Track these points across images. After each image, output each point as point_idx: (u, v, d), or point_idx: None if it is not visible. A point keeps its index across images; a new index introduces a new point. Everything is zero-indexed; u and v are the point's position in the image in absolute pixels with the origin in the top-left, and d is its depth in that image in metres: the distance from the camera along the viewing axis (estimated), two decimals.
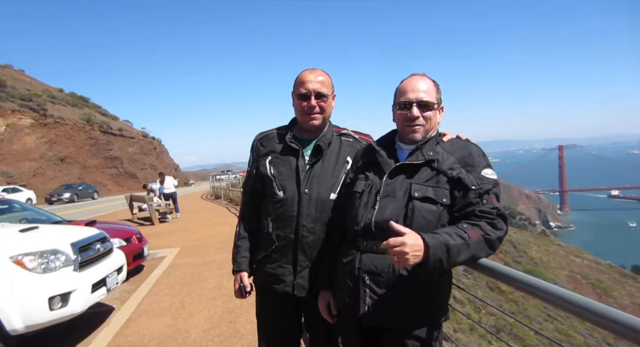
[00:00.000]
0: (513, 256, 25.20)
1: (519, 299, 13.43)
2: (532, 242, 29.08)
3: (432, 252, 1.24)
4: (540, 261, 24.27)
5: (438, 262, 1.25)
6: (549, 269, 23.44)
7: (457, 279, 10.85)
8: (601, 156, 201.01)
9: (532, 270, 21.73)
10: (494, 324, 10.31)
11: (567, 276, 23.69)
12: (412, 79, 1.56)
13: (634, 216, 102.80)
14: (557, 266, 25.00)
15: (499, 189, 1.45)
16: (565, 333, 12.16)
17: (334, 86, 1.85)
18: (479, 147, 1.52)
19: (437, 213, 1.40)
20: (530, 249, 26.53)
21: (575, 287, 22.23)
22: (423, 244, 1.25)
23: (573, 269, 24.87)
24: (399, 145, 1.60)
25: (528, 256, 24.84)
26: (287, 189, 1.75)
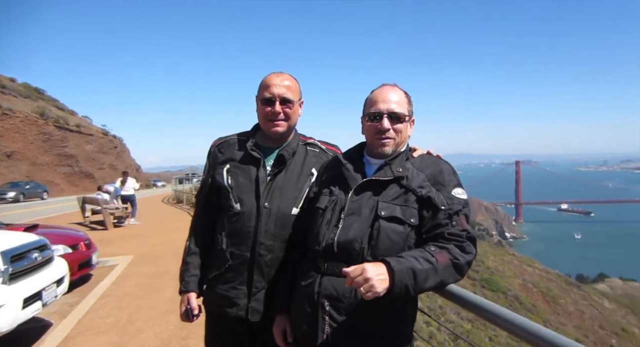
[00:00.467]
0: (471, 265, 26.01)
1: None
2: (489, 252, 30.17)
3: (398, 277, 1.13)
4: (496, 270, 25.19)
5: (404, 288, 1.14)
6: (504, 277, 24.37)
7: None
8: (553, 172, 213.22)
9: (488, 279, 22.56)
10: (452, 332, 10.49)
11: (520, 284, 24.72)
12: (383, 89, 1.46)
13: (580, 228, 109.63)
14: (511, 274, 26.04)
15: (469, 210, 1.36)
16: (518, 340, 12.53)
17: (301, 92, 1.72)
18: (449, 165, 1.44)
19: (405, 234, 1.30)
20: (488, 259, 27.52)
21: (527, 295, 23.25)
22: (387, 269, 1.14)
23: (525, 278, 25.99)
24: (367, 159, 1.49)
25: (485, 265, 25.74)
26: (244, 202, 1.59)
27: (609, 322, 16.10)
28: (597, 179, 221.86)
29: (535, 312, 15.50)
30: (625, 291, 38.40)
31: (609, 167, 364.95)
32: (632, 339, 14.90)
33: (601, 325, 15.60)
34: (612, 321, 16.52)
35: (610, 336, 15.09)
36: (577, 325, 15.70)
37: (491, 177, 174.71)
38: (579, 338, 14.45)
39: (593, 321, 15.96)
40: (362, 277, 1.11)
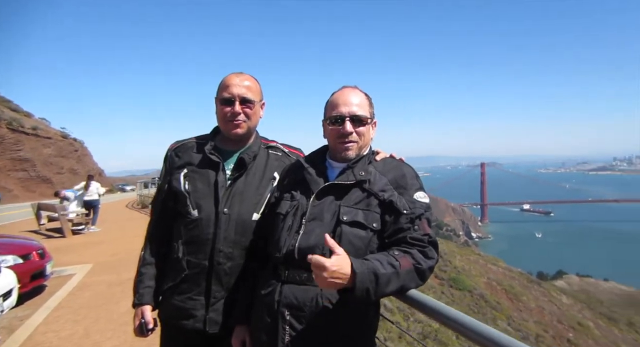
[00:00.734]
0: (439, 264, 26.67)
1: None
2: (456, 251, 31.00)
3: (359, 279, 1.10)
4: (462, 270, 25.91)
5: (365, 291, 1.12)
6: (470, 276, 25.09)
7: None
8: (516, 174, 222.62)
9: (455, 278, 23.16)
10: (421, 331, 10.68)
11: (485, 282, 25.53)
12: (343, 91, 1.44)
13: (541, 227, 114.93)
14: (477, 274, 26.86)
15: (431, 213, 1.37)
16: None
17: (262, 94, 1.68)
18: (412, 168, 1.43)
19: (367, 239, 1.28)
20: (455, 258, 28.27)
21: (492, 293, 24.03)
22: (350, 271, 1.11)
23: (490, 277, 26.87)
24: (329, 163, 1.46)
25: (452, 265, 26.42)
26: (202, 208, 1.53)
27: (566, 317, 16.90)
28: (556, 180, 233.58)
29: (499, 310, 16.03)
30: (581, 287, 40.51)
31: (567, 168, 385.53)
32: (587, 333, 15.69)
33: (559, 320, 16.34)
34: (570, 315, 17.35)
35: (568, 330, 15.83)
36: (537, 320, 16.36)
37: (458, 179, 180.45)
38: (539, 333, 15.07)
39: (552, 316, 16.69)
40: (319, 273, 1.08)
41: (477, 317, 14.83)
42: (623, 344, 15.91)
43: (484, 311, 16.32)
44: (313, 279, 1.13)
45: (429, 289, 15.50)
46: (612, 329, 18.53)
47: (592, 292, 38.21)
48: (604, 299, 33.02)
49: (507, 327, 15.10)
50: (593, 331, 16.54)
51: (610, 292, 40.82)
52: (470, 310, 15.62)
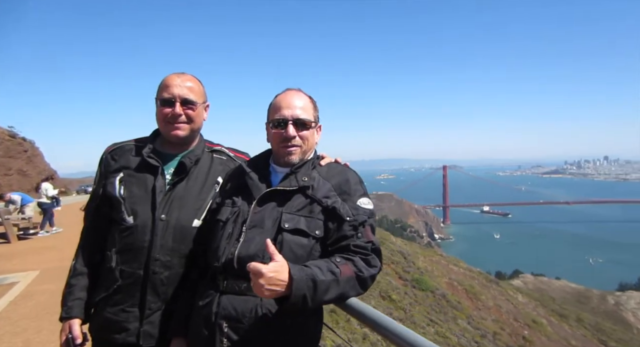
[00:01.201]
0: (403, 266, 27.25)
1: (406, 307, 14.37)
2: (419, 253, 31.73)
3: (296, 286, 1.07)
4: (425, 270, 26.55)
5: (301, 298, 1.08)
6: (433, 277, 25.76)
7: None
8: (476, 177, 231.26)
9: (418, 279, 23.71)
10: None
11: (447, 283, 26.29)
12: (287, 94, 1.40)
13: (499, 228, 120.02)
14: (439, 274, 27.61)
15: (375, 220, 1.35)
16: (444, 335, 13.25)
17: (206, 95, 1.61)
18: (356, 174, 1.41)
19: (309, 247, 1.25)
20: (418, 260, 28.92)
21: (453, 292, 24.79)
22: (288, 277, 1.08)
23: (452, 277, 27.69)
24: (273, 168, 1.43)
25: (416, 265, 27.02)
26: (138, 214, 1.44)
27: (522, 314, 17.67)
28: (513, 182, 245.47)
29: (460, 309, 16.52)
30: (535, 285, 42.57)
31: (522, 171, 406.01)
32: (540, 330, 16.47)
33: (515, 318, 17.05)
34: (525, 313, 18.15)
35: (523, 327, 16.54)
36: (495, 319, 17.00)
37: (421, 181, 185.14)
38: (496, 331, 15.63)
39: (509, 314, 17.40)
40: (256, 282, 1.05)
41: (439, 316, 15.25)
42: (572, 340, 16.83)
43: (445, 311, 16.76)
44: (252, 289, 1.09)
45: (393, 289, 15.74)
46: (563, 325, 19.60)
47: (546, 290, 40.30)
48: (556, 297, 34.93)
49: (467, 325, 15.57)
50: (546, 328, 17.40)
51: (562, 290, 43.22)
52: (432, 310, 15.99)
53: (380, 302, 13.88)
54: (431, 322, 14.25)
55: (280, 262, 1.09)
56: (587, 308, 36.32)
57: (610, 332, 23.39)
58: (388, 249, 21.24)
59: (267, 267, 1.05)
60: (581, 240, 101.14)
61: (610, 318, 35.22)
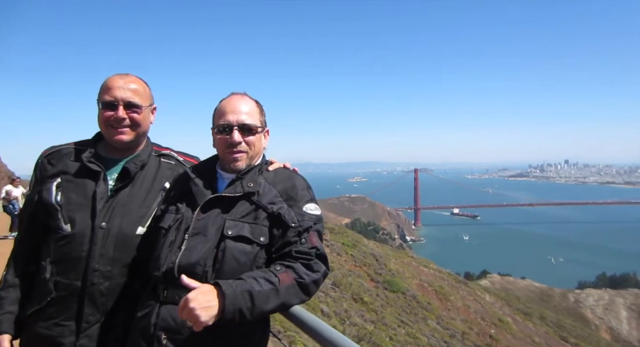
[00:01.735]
0: (375, 268, 27.61)
1: (378, 309, 14.49)
2: (391, 255, 32.18)
3: (229, 302, 1.04)
4: (397, 272, 26.95)
5: (238, 312, 1.05)
6: (404, 279, 26.17)
7: (325, 293, 11.29)
8: (446, 179, 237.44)
9: (390, 280, 24.04)
10: (357, 334, 10.83)
11: (418, 284, 26.77)
12: (231, 98, 1.38)
13: (468, 230, 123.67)
14: (410, 276, 28.08)
15: (322, 226, 1.33)
16: (414, 336, 13.44)
17: (152, 98, 1.53)
18: (304, 180, 1.40)
19: (253, 254, 1.23)
20: (390, 261, 29.33)
21: (423, 294, 25.30)
22: (217, 294, 1.05)
23: (422, 278, 28.21)
24: (220, 174, 1.39)
25: (387, 267, 27.39)
26: (76, 222, 1.35)
27: (489, 314, 18.20)
28: (481, 185, 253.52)
29: (430, 310, 16.80)
30: (502, 285, 44.04)
31: (490, 174, 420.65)
32: (506, 328, 17.00)
33: (483, 317, 17.53)
34: (492, 312, 18.70)
35: (490, 326, 17.02)
36: (464, 318, 17.39)
37: (393, 184, 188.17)
38: (465, 330, 15.99)
39: (477, 313, 17.85)
40: (185, 309, 1.01)
41: (410, 317, 15.43)
42: (536, 337, 17.48)
43: (416, 312, 17.02)
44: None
45: (365, 292, 15.82)
46: (527, 323, 20.34)
47: (511, 289, 41.73)
48: (521, 296, 36.23)
49: (437, 326, 15.85)
50: (511, 326, 17.99)
51: (527, 289, 44.92)
52: (403, 311, 16.18)
53: (353, 304, 13.94)
54: (402, 323, 14.43)
55: (201, 286, 1.08)
56: (549, 306, 37.95)
57: (571, 328, 24.51)
58: (360, 252, 21.38)
59: (190, 293, 1.04)
60: (544, 240, 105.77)
61: (570, 315, 36.93)
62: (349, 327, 11.00)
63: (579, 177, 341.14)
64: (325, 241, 17.43)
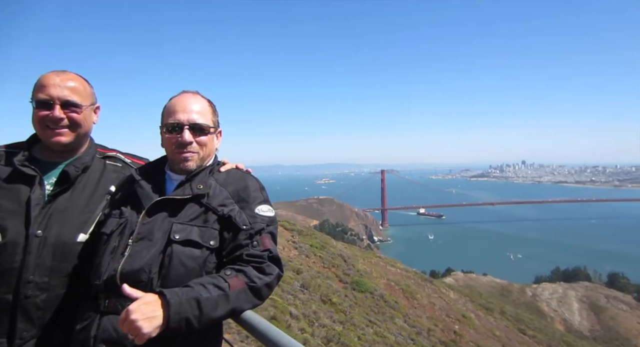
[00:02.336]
0: (344, 269, 27.81)
1: (346, 310, 14.55)
2: (359, 255, 32.49)
3: (174, 310, 0.99)
4: (365, 272, 27.24)
5: (184, 321, 1.00)
6: (371, 279, 26.49)
7: (293, 295, 11.20)
8: (411, 180, 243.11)
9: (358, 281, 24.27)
10: (325, 335, 10.83)
11: (385, 283, 27.19)
12: (182, 97, 1.31)
13: (433, 229, 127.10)
14: (377, 275, 28.46)
15: (276, 228, 1.29)
16: (382, 335, 13.61)
17: (94, 96, 1.43)
18: (257, 181, 1.35)
19: (202, 258, 1.16)
20: (358, 262, 29.61)
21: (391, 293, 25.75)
22: (162, 304, 0.99)
23: (390, 278, 28.67)
24: (169, 175, 1.33)
25: (355, 268, 27.63)
26: (8, 231, 1.23)
27: (453, 310, 18.72)
28: (445, 185, 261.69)
29: (397, 308, 17.04)
30: (465, 282, 45.51)
31: (453, 175, 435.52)
32: (469, 323, 17.56)
33: (447, 314, 18.01)
34: (456, 309, 19.26)
35: (454, 322, 17.51)
36: (429, 316, 17.78)
37: (360, 185, 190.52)
38: (430, 327, 16.35)
39: (442, 310, 18.31)
40: (127, 321, 0.94)
41: (378, 317, 15.63)
42: (497, 331, 18.16)
43: (384, 311, 17.23)
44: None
45: (333, 293, 15.86)
46: (488, 318, 21.10)
47: (474, 286, 43.22)
48: (483, 292, 37.61)
49: (404, 324, 16.11)
50: (474, 322, 18.59)
51: (488, 285, 46.68)
52: (371, 311, 16.34)
53: (322, 306, 13.92)
54: (370, 323, 14.56)
55: (144, 296, 1.02)
56: (509, 301, 39.63)
57: (529, 321, 25.68)
58: (329, 253, 21.44)
59: (131, 304, 0.98)
60: (503, 238, 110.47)
61: (528, 309, 38.73)
62: (317, 328, 10.97)
63: (535, 177, 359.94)
64: (294, 243, 17.36)
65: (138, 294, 1.01)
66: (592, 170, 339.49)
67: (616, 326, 38.41)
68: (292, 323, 9.19)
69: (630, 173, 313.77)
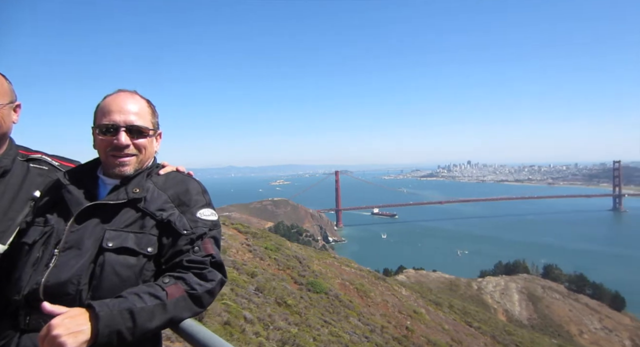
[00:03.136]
0: (299, 270, 27.80)
1: (302, 311, 14.53)
2: (314, 256, 32.59)
3: (104, 324, 0.91)
4: (320, 273, 27.38)
5: (116, 334, 0.93)
6: (326, 279, 26.69)
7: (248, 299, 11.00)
8: (365, 181, 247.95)
9: (313, 282, 24.37)
10: (280, 338, 10.73)
11: (340, 283, 27.52)
12: (119, 96, 1.21)
13: (386, 228, 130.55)
14: (332, 276, 28.73)
15: (219, 232, 1.23)
16: (337, 335, 13.74)
17: (14, 94, 1.29)
18: (199, 183, 1.28)
19: (138, 266, 1.09)
20: (313, 263, 29.71)
21: (345, 292, 26.12)
22: (89, 317, 0.91)
23: (344, 277, 29.03)
24: (102, 179, 1.23)
25: (311, 269, 27.71)
26: None
27: (405, 306, 19.26)
28: (397, 185, 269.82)
29: (351, 308, 17.24)
30: (416, 279, 47.16)
31: (404, 175, 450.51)
32: (420, 319, 18.17)
33: (400, 310, 18.49)
34: (407, 305, 19.83)
35: (406, 318, 18.02)
36: (383, 313, 18.15)
37: (315, 186, 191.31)
38: (384, 324, 16.74)
39: (394, 307, 18.77)
40: (48, 337, 0.85)
41: (333, 317, 15.76)
42: (446, 324, 18.94)
43: (338, 311, 17.41)
44: None
45: (288, 295, 15.78)
46: (438, 312, 21.95)
47: (425, 282, 44.90)
48: (433, 288, 39.16)
49: (358, 322, 16.37)
50: (425, 317, 19.26)
51: (438, 281, 48.67)
52: (326, 311, 16.43)
53: (277, 308, 13.79)
54: (325, 323, 14.64)
55: (68, 311, 0.94)
56: (457, 295, 41.58)
57: (474, 314, 27.06)
58: (284, 255, 21.29)
59: (53, 319, 0.89)
60: (451, 235, 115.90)
61: (474, 302, 40.90)
62: (272, 331, 10.85)
63: (480, 176, 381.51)
64: (248, 246, 17.03)
65: (61, 310, 0.92)
66: (529, 170, 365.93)
67: (551, 314, 41.66)
68: (247, 327, 9.03)
69: (561, 171, 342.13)
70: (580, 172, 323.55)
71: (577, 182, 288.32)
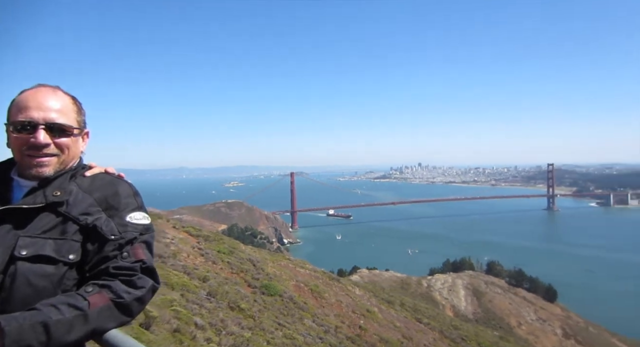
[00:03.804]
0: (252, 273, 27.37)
1: (255, 315, 14.33)
2: (268, 258, 32.24)
3: (11, 340, 0.83)
4: (274, 275, 27.15)
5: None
6: (281, 281, 26.51)
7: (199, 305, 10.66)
8: (320, 182, 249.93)
9: (267, 284, 24.09)
10: (233, 343, 10.51)
11: (294, 285, 27.46)
12: (38, 91, 1.10)
13: (341, 229, 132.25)
14: (287, 278, 28.60)
15: (152, 236, 1.15)
16: (291, 337, 13.68)
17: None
18: (130, 186, 1.20)
19: (57, 276, 1.00)
20: (267, 265, 29.37)
21: (300, 294, 26.07)
22: None
23: (299, 279, 29.01)
24: (17, 181, 1.12)
25: (265, 272, 27.39)
26: None
27: (358, 306, 19.60)
28: (351, 187, 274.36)
29: (306, 309, 17.25)
30: (370, 278, 48.18)
31: (358, 177, 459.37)
32: (373, 317, 18.59)
33: (353, 310, 18.78)
34: (361, 304, 20.20)
35: (360, 317, 18.35)
36: (337, 313, 18.35)
37: (270, 188, 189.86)
38: (338, 324, 16.93)
39: (348, 307, 19.02)
40: None
41: (287, 319, 15.69)
42: (397, 322, 19.53)
43: (293, 313, 17.37)
44: None
45: (242, 298, 15.49)
46: (390, 310, 22.58)
47: (378, 281, 46.00)
48: (385, 286, 40.23)
49: (312, 324, 16.42)
50: (377, 315, 19.73)
51: (390, 280, 50.05)
52: (280, 313, 16.32)
53: (229, 313, 13.48)
54: (279, 326, 14.52)
55: None
56: (408, 293, 43.04)
57: (424, 310, 28.16)
58: (237, 258, 20.88)
59: None
60: (403, 235, 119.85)
61: (424, 299, 42.57)
62: (225, 337, 10.60)
63: (429, 178, 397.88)
64: (200, 249, 16.52)
65: None
66: (474, 172, 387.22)
67: (493, 308, 44.30)
68: (198, 334, 8.73)
69: (503, 173, 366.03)
70: (520, 174, 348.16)
71: (517, 184, 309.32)
